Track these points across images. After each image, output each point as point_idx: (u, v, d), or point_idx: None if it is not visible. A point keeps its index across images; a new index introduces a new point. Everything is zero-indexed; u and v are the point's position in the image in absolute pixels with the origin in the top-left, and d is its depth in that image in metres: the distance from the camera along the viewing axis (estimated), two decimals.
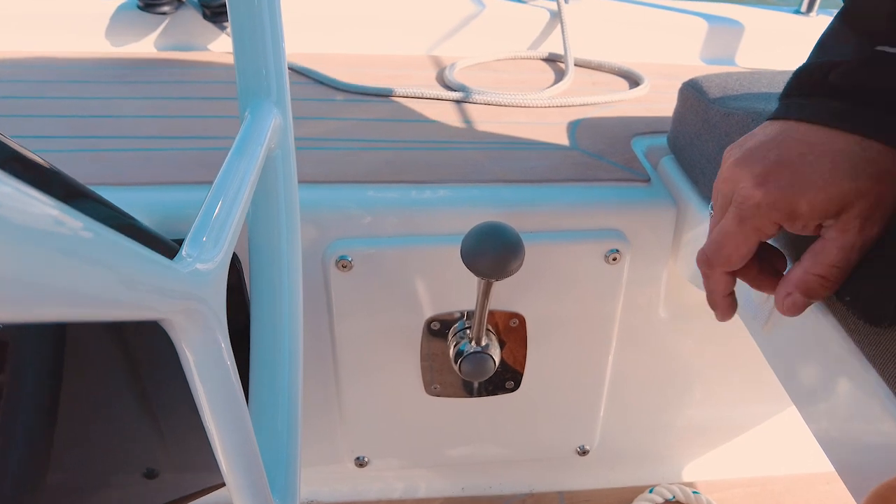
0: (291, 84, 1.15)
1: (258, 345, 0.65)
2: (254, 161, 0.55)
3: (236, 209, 0.49)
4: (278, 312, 0.65)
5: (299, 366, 0.66)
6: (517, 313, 0.87)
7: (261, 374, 0.65)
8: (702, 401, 1.06)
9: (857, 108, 0.43)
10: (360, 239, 0.81)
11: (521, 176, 0.85)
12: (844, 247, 0.44)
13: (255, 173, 0.54)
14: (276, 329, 0.65)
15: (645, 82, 1.15)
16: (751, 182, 0.45)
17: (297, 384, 0.66)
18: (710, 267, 0.51)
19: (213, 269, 0.42)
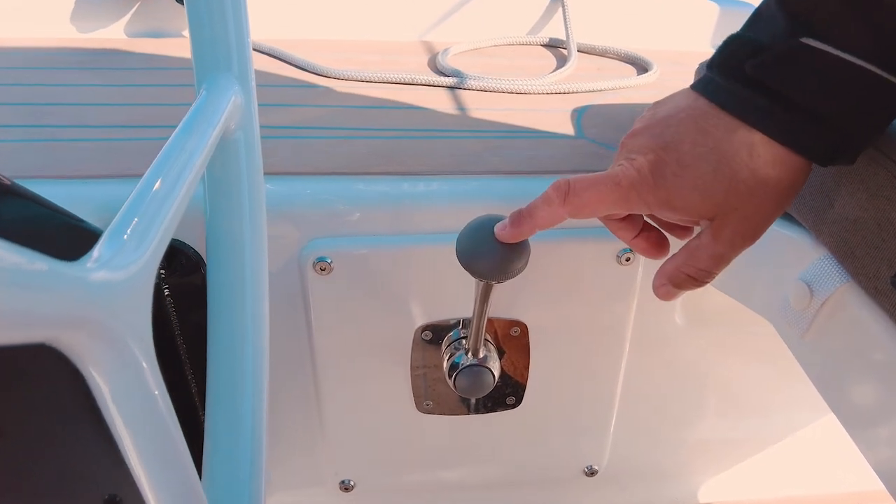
0: (268, 71, 1.06)
1: (215, 358, 0.56)
2: (203, 143, 0.46)
3: (173, 200, 0.39)
4: (239, 322, 0.56)
5: (263, 382, 0.57)
6: (519, 321, 0.78)
7: (218, 392, 0.56)
8: (721, 415, 0.96)
9: (772, 105, 0.40)
10: (340, 238, 0.71)
11: (522, 167, 0.76)
12: (714, 255, 0.44)
13: (204, 157, 0.45)
14: (236, 340, 0.56)
15: (654, 68, 1.06)
16: (641, 155, 0.44)
17: (260, 403, 0.57)
18: (561, 200, 0.47)
19: (131, 275, 0.33)
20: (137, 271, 0.34)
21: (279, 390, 0.82)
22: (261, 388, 0.57)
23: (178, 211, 0.40)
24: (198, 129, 0.46)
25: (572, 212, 0.47)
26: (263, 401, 0.57)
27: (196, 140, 0.45)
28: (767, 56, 0.41)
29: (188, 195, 0.42)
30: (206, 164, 0.45)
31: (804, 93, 0.40)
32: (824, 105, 0.40)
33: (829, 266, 0.57)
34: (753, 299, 0.72)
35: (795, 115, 0.40)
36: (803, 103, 0.40)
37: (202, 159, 0.44)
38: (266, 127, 0.84)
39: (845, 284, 0.55)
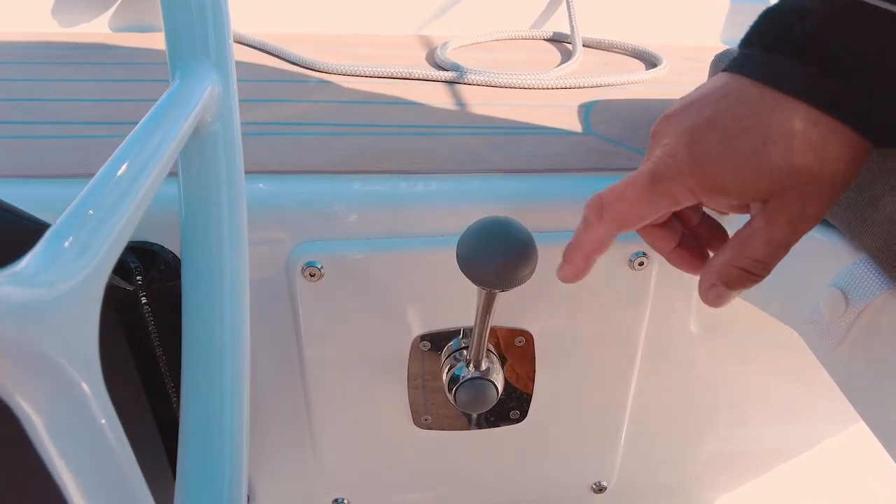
0: (255, 65, 1.01)
1: (190, 372, 0.51)
2: (172, 135, 0.41)
3: (130, 200, 0.34)
4: (216, 332, 0.51)
5: (243, 397, 0.52)
6: (524, 330, 0.73)
7: (193, 409, 0.51)
8: (738, 427, 0.91)
9: (821, 74, 0.36)
10: (331, 241, 0.66)
11: (526, 165, 0.71)
12: (770, 242, 0.40)
13: (172, 151, 0.40)
14: (213, 353, 0.51)
15: (664, 63, 1.01)
16: (675, 138, 0.39)
17: (240, 420, 0.52)
18: (598, 216, 0.44)
19: (71, 288, 0.28)
20: (79, 283, 0.28)
21: (267, 405, 0.77)
22: (240, 404, 0.51)
23: (137, 212, 0.34)
24: (167, 119, 0.41)
25: (614, 226, 0.43)
26: (244, 417, 0.52)
27: (164, 132, 0.40)
28: (813, 20, 0.36)
29: (150, 194, 0.36)
30: (174, 159, 0.40)
31: (857, 57, 0.35)
32: (879, 71, 0.35)
33: (868, 271, 0.52)
34: (776, 307, 0.67)
35: (846, 84, 0.36)
36: (856, 69, 0.35)
37: (170, 153, 0.39)
38: (250, 123, 0.79)
39: (887, 291, 0.50)
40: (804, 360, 0.85)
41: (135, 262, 0.65)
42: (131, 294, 0.66)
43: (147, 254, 0.66)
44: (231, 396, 0.50)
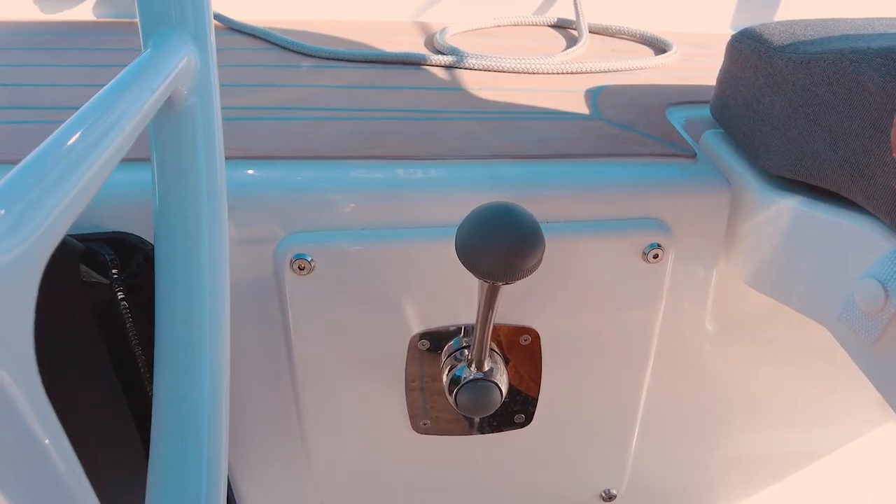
0: (245, 50, 0.96)
1: (163, 374, 0.46)
2: (137, 105, 0.36)
3: (83, 173, 0.29)
4: (193, 330, 0.46)
5: (222, 402, 0.47)
6: (529, 328, 0.68)
7: (166, 415, 0.46)
8: (755, 430, 0.87)
9: None
10: (322, 232, 0.61)
11: (531, 150, 0.66)
12: None
13: (137, 123, 0.35)
14: (190, 352, 0.46)
15: (674, 48, 0.96)
16: None
17: (219, 427, 0.47)
18: None
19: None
20: (9, 263, 0.24)
21: (253, 409, 0.72)
22: (218, 407, 0.47)
23: (90, 187, 0.30)
24: (133, 88, 0.36)
25: None
26: (222, 421, 0.47)
27: (129, 101, 0.35)
28: None
29: (107, 168, 0.32)
30: (139, 131, 0.35)
31: None
32: None
33: None
34: (802, 301, 0.62)
35: None
36: None
37: (135, 124, 0.35)
38: (237, 108, 0.74)
39: None
40: (828, 358, 0.80)
41: (110, 254, 0.61)
42: (107, 289, 0.61)
43: (124, 246, 0.61)
44: (208, 400, 0.46)
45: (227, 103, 0.75)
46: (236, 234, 0.61)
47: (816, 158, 0.58)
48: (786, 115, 0.61)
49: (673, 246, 0.66)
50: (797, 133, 0.60)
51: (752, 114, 0.66)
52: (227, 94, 0.78)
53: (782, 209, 0.62)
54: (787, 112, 0.61)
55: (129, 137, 0.34)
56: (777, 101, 0.62)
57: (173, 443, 0.45)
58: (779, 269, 0.64)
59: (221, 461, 0.48)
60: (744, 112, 0.68)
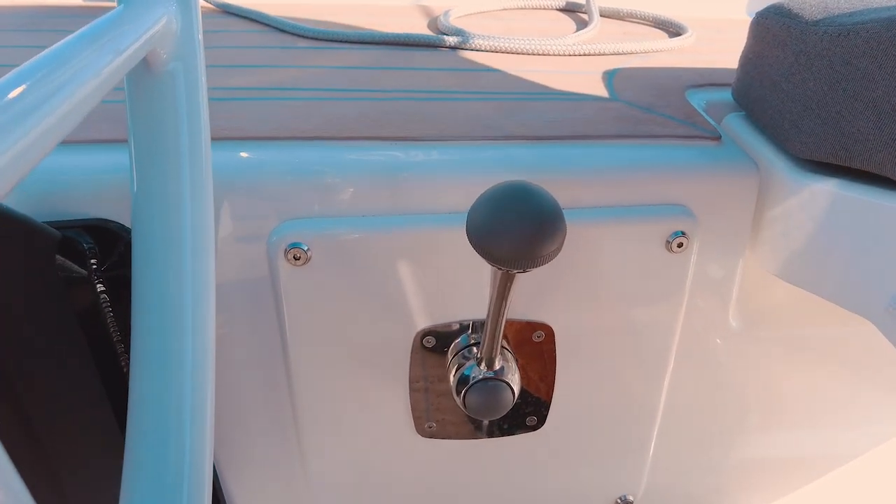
0: (243, 33, 0.91)
1: (140, 372, 0.41)
2: (100, 63, 0.31)
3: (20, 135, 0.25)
4: (173, 324, 0.41)
5: (206, 407, 0.42)
6: (543, 323, 0.63)
7: (142, 418, 0.41)
8: (780, 436, 0.82)
9: None
10: (319, 219, 0.57)
11: (545, 131, 0.61)
12: None
13: (101, 84, 0.30)
14: (169, 349, 0.41)
15: (689, 32, 0.92)
16: None
17: (202, 437, 0.42)
18: None
19: None
20: None
21: (246, 411, 0.67)
22: (202, 413, 0.42)
23: (30, 154, 0.25)
24: (96, 44, 0.31)
25: None
26: (206, 429, 0.42)
27: (89, 57, 0.30)
28: None
29: (58, 132, 0.27)
30: (101, 96, 0.31)
31: None
32: None
33: None
34: (840, 292, 0.58)
35: None
36: None
37: (96, 85, 0.30)
38: (231, 88, 0.69)
39: None
40: (861, 354, 0.76)
41: (89, 243, 0.56)
42: (85, 280, 0.56)
43: (104, 234, 0.57)
44: (189, 402, 0.41)
45: (218, 83, 0.71)
46: (225, 220, 0.56)
47: (858, 138, 0.53)
48: (821, 94, 0.56)
49: (698, 234, 0.61)
50: (834, 112, 0.55)
51: (780, 95, 0.62)
52: (219, 75, 0.73)
53: (817, 193, 0.57)
54: (822, 90, 0.56)
55: (89, 99, 0.29)
56: (810, 79, 0.58)
57: (149, 449, 0.40)
58: (812, 257, 0.60)
59: (205, 468, 0.43)
60: (770, 93, 0.63)
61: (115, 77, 0.32)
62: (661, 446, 0.77)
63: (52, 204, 0.55)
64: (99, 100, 0.30)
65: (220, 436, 0.69)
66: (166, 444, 0.40)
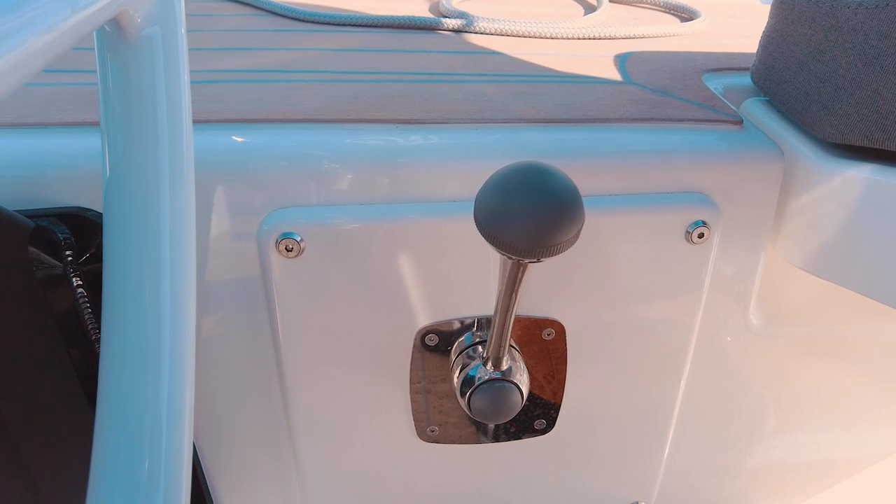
0: (236, 16, 0.87)
1: (110, 372, 0.37)
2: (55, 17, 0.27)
3: None
4: (148, 318, 0.37)
5: (185, 408, 0.38)
6: (553, 320, 0.59)
7: (111, 427, 0.37)
8: (802, 438, 0.78)
9: None
10: (313, 208, 0.53)
11: (558, 114, 0.57)
12: None
13: (52, 42, 0.26)
14: (144, 346, 0.37)
15: (702, 16, 0.88)
16: None
17: (180, 438, 0.38)
18: None
19: None
20: None
21: (236, 414, 0.63)
22: (180, 417, 0.38)
23: None
24: None
25: None
26: (184, 434, 0.38)
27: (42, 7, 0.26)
28: None
29: None
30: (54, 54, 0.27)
31: None
32: None
33: None
34: (874, 285, 0.54)
35: None
36: None
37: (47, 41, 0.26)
38: (218, 70, 0.65)
39: None
40: (892, 354, 0.72)
41: (64, 232, 0.52)
42: (60, 272, 0.52)
43: (81, 223, 0.52)
44: (166, 402, 0.37)
45: (206, 66, 0.67)
46: (212, 208, 0.52)
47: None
48: (854, 72, 0.52)
49: (719, 224, 0.57)
50: (870, 91, 0.51)
51: (807, 75, 0.58)
52: (208, 58, 0.69)
53: (850, 180, 0.53)
54: (856, 68, 0.52)
55: (36, 57, 0.25)
56: (842, 57, 0.54)
57: (118, 451, 0.36)
58: (841, 248, 0.56)
59: (182, 469, 0.39)
60: (795, 75, 0.59)
61: (74, 34, 0.28)
62: (675, 450, 0.73)
63: (23, 191, 0.51)
64: (50, 59, 0.26)
65: (210, 441, 0.65)
66: (137, 449, 0.36)
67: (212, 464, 0.67)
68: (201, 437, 0.65)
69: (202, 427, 0.64)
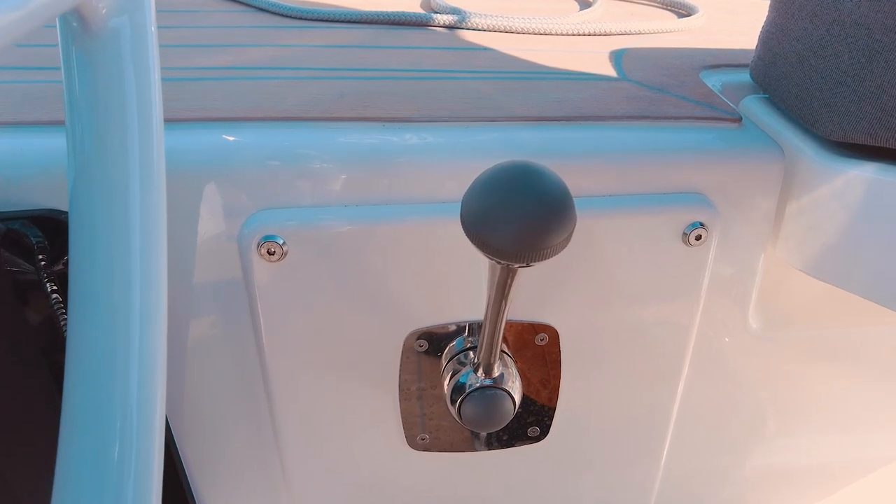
0: (221, 13, 0.85)
1: (76, 381, 0.35)
2: None
3: None
4: (116, 324, 0.35)
5: (155, 417, 0.36)
6: (546, 325, 0.58)
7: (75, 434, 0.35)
8: (802, 443, 0.76)
9: None
10: (296, 209, 0.51)
11: (551, 112, 0.55)
12: None
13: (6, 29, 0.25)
14: (112, 355, 0.35)
15: (700, 12, 0.86)
16: None
17: (149, 453, 0.36)
18: None
19: None
20: None
21: (220, 423, 0.61)
22: (150, 419, 0.36)
23: None
24: None
25: None
26: (154, 448, 0.36)
27: None
28: None
29: None
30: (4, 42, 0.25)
31: None
32: None
33: None
34: (878, 288, 0.52)
35: None
36: None
37: None
38: (197, 68, 0.63)
39: None
40: (893, 357, 0.70)
41: (38, 236, 0.50)
42: (33, 277, 0.50)
43: (54, 226, 0.51)
44: (136, 410, 0.35)
45: (189, 63, 0.65)
46: (190, 210, 0.50)
47: None
48: (858, 67, 0.51)
49: (717, 226, 0.56)
50: (874, 86, 0.49)
51: (808, 71, 0.56)
52: (190, 55, 0.67)
53: (852, 180, 0.52)
54: (859, 62, 0.50)
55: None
56: (845, 52, 0.52)
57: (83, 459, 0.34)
58: (843, 249, 0.54)
59: (153, 477, 0.37)
60: (796, 71, 0.57)
61: (28, 23, 0.26)
62: (673, 456, 0.71)
63: None
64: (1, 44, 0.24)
65: (193, 449, 0.63)
66: (106, 454, 0.34)
67: (197, 473, 0.65)
68: (186, 446, 0.63)
69: (187, 435, 0.62)
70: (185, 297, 0.54)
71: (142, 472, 0.35)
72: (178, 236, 0.51)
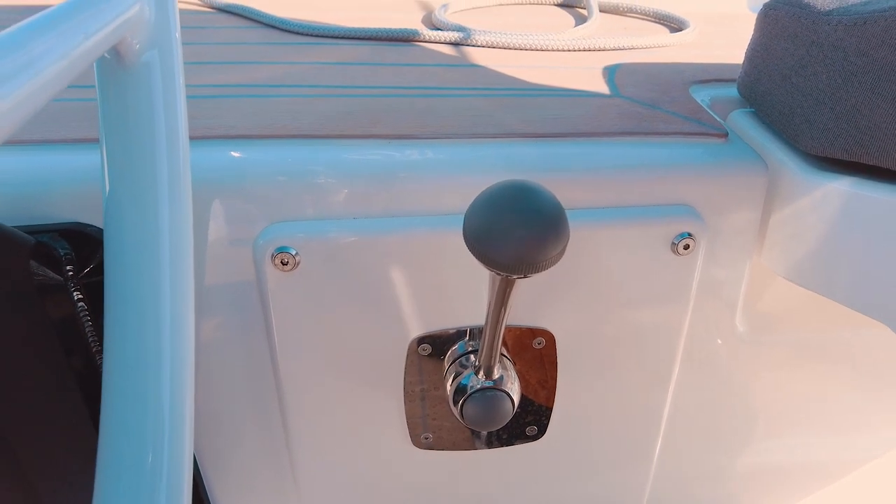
0: (231, 28, 0.88)
1: (113, 388, 0.38)
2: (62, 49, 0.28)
3: None
4: (148, 334, 0.38)
5: (185, 417, 0.39)
6: (543, 329, 0.61)
7: (116, 439, 0.38)
8: (788, 443, 0.79)
9: None
10: (308, 222, 0.54)
11: (549, 128, 0.59)
12: None
13: (61, 73, 0.28)
14: (146, 360, 0.38)
15: (692, 26, 0.89)
16: None
17: (181, 453, 0.39)
18: None
19: None
20: None
21: (234, 423, 0.64)
22: (181, 418, 0.39)
23: None
24: (57, 29, 0.29)
25: None
26: (185, 436, 0.40)
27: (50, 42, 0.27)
28: None
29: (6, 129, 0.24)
30: (63, 85, 0.28)
31: None
32: None
33: None
34: (854, 295, 0.55)
35: None
36: None
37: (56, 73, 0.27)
38: (213, 86, 0.67)
39: None
40: (875, 358, 0.73)
41: (65, 248, 0.53)
42: (61, 287, 0.53)
43: (82, 239, 0.54)
44: (168, 410, 0.38)
45: (203, 80, 0.68)
46: (209, 223, 0.53)
47: (875, 133, 0.51)
48: (835, 87, 0.54)
49: (704, 236, 0.59)
50: (850, 106, 0.52)
51: (790, 88, 0.59)
52: (204, 72, 0.70)
53: (830, 192, 0.55)
54: (836, 83, 0.54)
55: (47, 88, 0.26)
56: (823, 72, 0.55)
57: (122, 455, 0.37)
58: (824, 259, 0.57)
59: (184, 474, 0.40)
60: (779, 88, 0.61)
61: (78, 66, 0.29)
62: (665, 455, 0.74)
63: (24, 207, 0.52)
64: (58, 90, 0.28)
65: (208, 449, 0.66)
66: (141, 455, 0.37)
67: (212, 473, 0.68)
68: (201, 448, 0.66)
69: (202, 437, 0.65)
70: (202, 304, 0.57)
71: (174, 474, 0.39)
72: (197, 248, 0.54)
